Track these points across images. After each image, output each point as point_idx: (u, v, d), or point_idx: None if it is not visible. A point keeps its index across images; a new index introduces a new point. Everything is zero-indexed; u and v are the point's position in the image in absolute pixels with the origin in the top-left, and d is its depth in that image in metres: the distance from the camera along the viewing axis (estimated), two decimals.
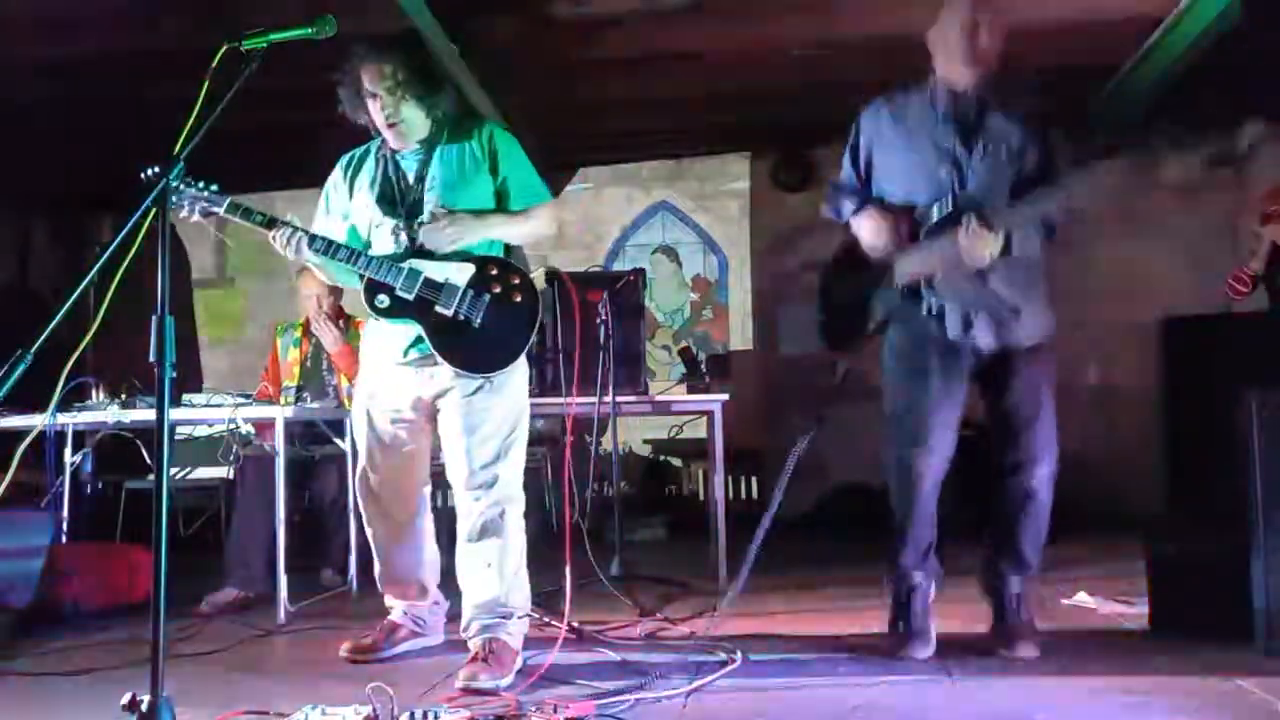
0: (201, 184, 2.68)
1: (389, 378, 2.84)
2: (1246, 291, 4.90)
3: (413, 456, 2.91)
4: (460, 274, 2.74)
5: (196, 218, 2.71)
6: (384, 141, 2.85)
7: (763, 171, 7.03)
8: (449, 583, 2.93)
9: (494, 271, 2.76)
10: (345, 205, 2.91)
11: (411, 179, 2.81)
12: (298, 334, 4.53)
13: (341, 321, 4.45)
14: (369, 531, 2.99)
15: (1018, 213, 2.58)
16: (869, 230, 2.80)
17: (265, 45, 2.05)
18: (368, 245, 2.84)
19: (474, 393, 2.74)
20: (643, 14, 4.72)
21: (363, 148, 2.94)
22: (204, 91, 1.94)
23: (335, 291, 4.47)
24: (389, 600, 3.04)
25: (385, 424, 2.86)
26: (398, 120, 2.76)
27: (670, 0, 4.61)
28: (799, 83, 5.60)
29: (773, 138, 6.81)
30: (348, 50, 2.75)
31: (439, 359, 2.72)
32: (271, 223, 2.75)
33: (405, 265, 2.73)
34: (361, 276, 2.75)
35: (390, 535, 2.97)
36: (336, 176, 2.94)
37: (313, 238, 2.75)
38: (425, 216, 2.77)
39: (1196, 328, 3.15)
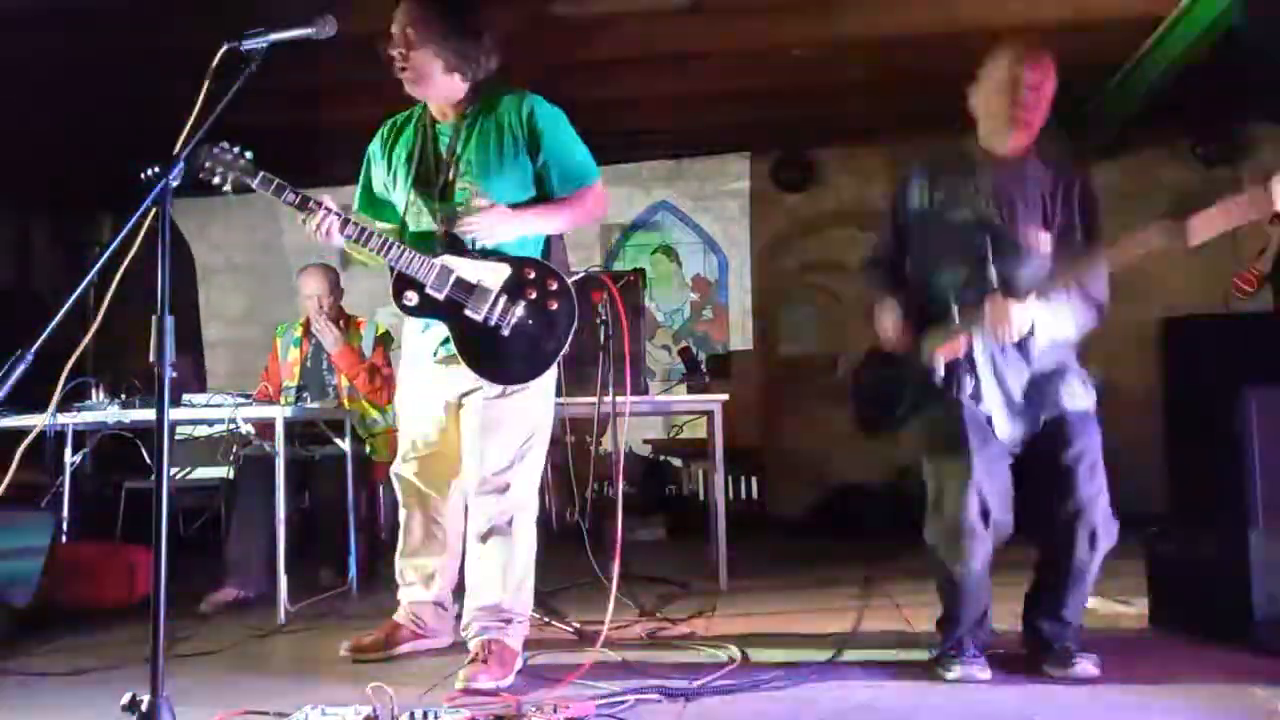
0: (237, 150, 2.49)
1: (423, 379, 2.80)
2: (1252, 291, 4.89)
3: (443, 455, 2.87)
4: (494, 276, 2.62)
5: (226, 187, 2.52)
6: (425, 109, 2.73)
7: (763, 171, 7.03)
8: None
9: (530, 275, 2.64)
10: (384, 176, 2.80)
11: (445, 155, 2.69)
12: (298, 334, 4.53)
13: (342, 322, 4.44)
14: (402, 515, 2.95)
15: (1050, 285, 2.43)
16: (880, 327, 2.68)
17: (265, 45, 2.05)
18: (404, 225, 2.75)
19: (497, 396, 2.68)
20: (643, 14, 4.73)
21: (404, 114, 2.80)
22: (205, 91, 1.94)
23: (335, 291, 4.47)
24: (401, 593, 2.98)
25: (418, 426, 2.84)
26: (406, 66, 2.56)
27: (670, 0, 4.61)
28: (799, 83, 5.61)
29: (773, 138, 6.81)
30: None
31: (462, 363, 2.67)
32: (304, 203, 2.57)
33: (438, 262, 2.60)
34: (391, 269, 2.64)
35: (418, 522, 2.93)
36: (375, 146, 2.82)
37: (344, 222, 2.59)
38: (458, 198, 2.66)
39: (1196, 328, 3.15)
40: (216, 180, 2.51)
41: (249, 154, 2.51)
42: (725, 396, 4.16)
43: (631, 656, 2.81)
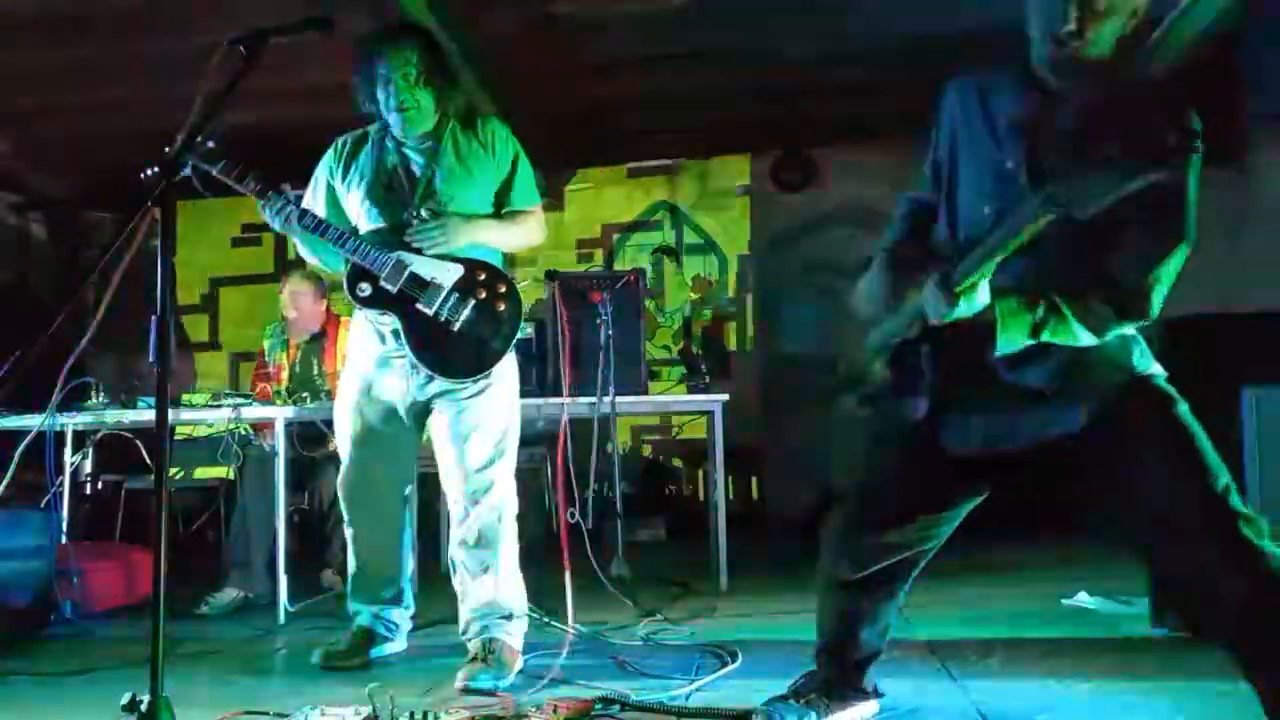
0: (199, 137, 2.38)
1: (381, 376, 2.81)
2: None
3: (400, 455, 2.89)
4: (448, 275, 2.71)
5: (185, 170, 2.38)
6: (386, 129, 2.79)
7: (763, 171, 7.03)
8: (444, 582, 2.93)
9: (481, 277, 2.74)
10: (342, 193, 2.83)
11: (418, 170, 2.77)
12: (285, 336, 4.50)
13: (328, 327, 4.42)
14: (350, 532, 2.94)
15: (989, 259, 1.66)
16: (863, 285, 2.01)
17: (264, 45, 2.04)
18: (355, 231, 2.78)
19: (470, 397, 2.73)
20: (643, 14, 4.73)
21: (357, 132, 2.87)
22: (204, 91, 1.94)
23: (319, 300, 4.41)
24: (355, 606, 2.97)
25: (375, 420, 2.83)
26: (411, 105, 2.70)
27: (671, 0, 4.61)
28: (799, 83, 5.60)
29: (773, 138, 6.81)
30: (368, 37, 2.72)
31: (411, 358, 2.70)
32: (264, 190, 2.66)
33: (394, 256, 2.69)
34: (346, 261, 2.71)
35: (374, 536, 2.93)
36: (329, 159, 2.87)
37: (303, 213, 2.69)
38: (424, 212, 2.73)
39: (1196, 328, 3.14)
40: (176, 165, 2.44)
41: (212, 142, 2.38)
42: (725, 396, 4.16)
43: (631, 657, 2.81)
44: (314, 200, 2.87)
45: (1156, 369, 1.84)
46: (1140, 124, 1.51)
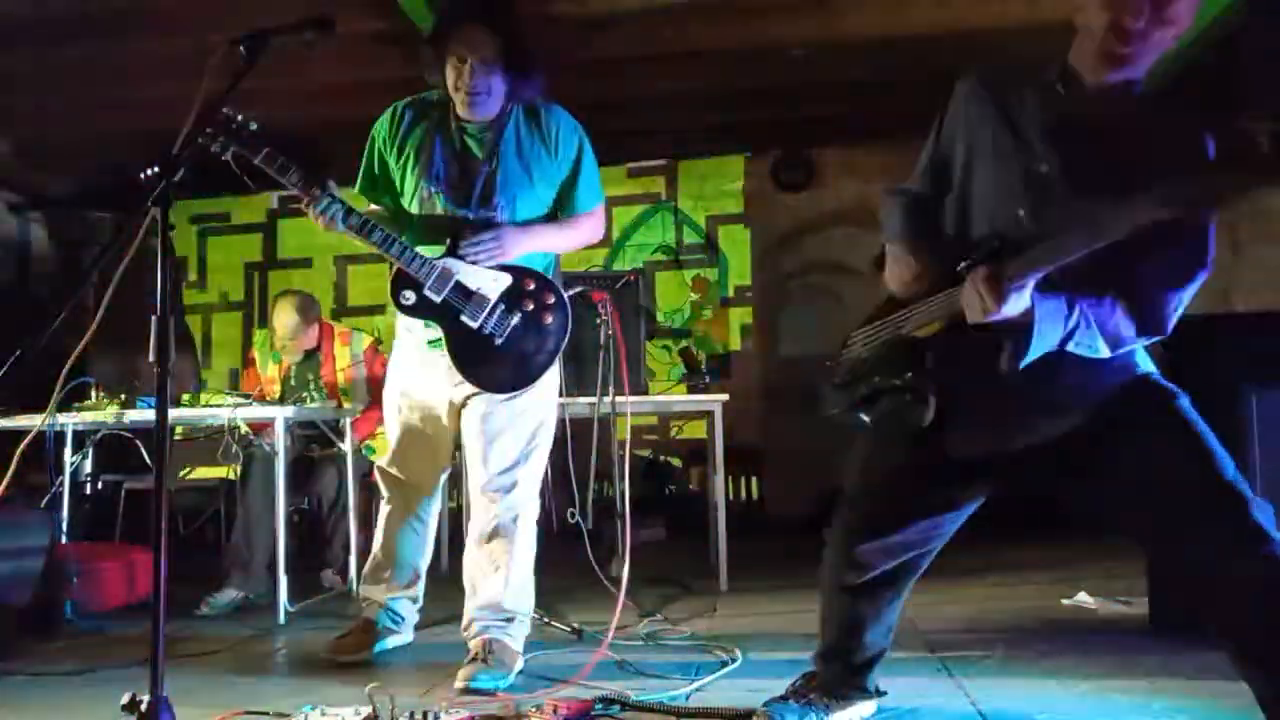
0: (241, 118, 2.40)
1: (422, 373, 2.79)
2: None
3: (437, 450, 2.90)
4: (494, 285, 2.63)
5: (227, 157, 2.44)
6: (448, 106, 2.69)
7: (763, 171, 7.03)
8: (444, 583, 2.94)
9: (530, 287, 2.65)
10: (394, 161, 2.73)
11: (476, 165, 2.66)
12: (276, 350, 4.47)
13: (322, 343, 4.39)
14: (384, 510, 2.96)
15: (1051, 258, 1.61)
16: (888, 271, 2.02)
17: (264, 45, 2.04)
18: (409, 214, 2.71)
19: (505, 400, 2.70)
20: (642, 14, 4.73)
21: (416, 100, 2.75)
22: (203, 91, 1.94)
23: (309, 321, 4.36)
24: (366, 591, 3.00)
25: (415, 419, 2.83)
26: (482, 90, 2.58)
27: None
28: (799, 83, 5.61)
29: (773, 138, 6.81)
30: (450, 8, 2.61)
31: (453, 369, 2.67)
32: (308, 185, 2.52)
33: (440, 264, 2.60)
34: (391, 265, 2.63)
35: (403, 518, 2.95)
36: (383, 130, 2.75)
37: (348, 212, 2.56)
38: (482, 208, 2.64)
39: (1196, 328, 3.13)
40: (215, 149, 2.42)
41: (254, 125, 2.43)
42: (725, 396, 4.15)
43: (631, 657, 2.81)
44: (368, 161, 2.77)
45: (1154, 368, 1.88)
46: (1228, 129, 1.52)
